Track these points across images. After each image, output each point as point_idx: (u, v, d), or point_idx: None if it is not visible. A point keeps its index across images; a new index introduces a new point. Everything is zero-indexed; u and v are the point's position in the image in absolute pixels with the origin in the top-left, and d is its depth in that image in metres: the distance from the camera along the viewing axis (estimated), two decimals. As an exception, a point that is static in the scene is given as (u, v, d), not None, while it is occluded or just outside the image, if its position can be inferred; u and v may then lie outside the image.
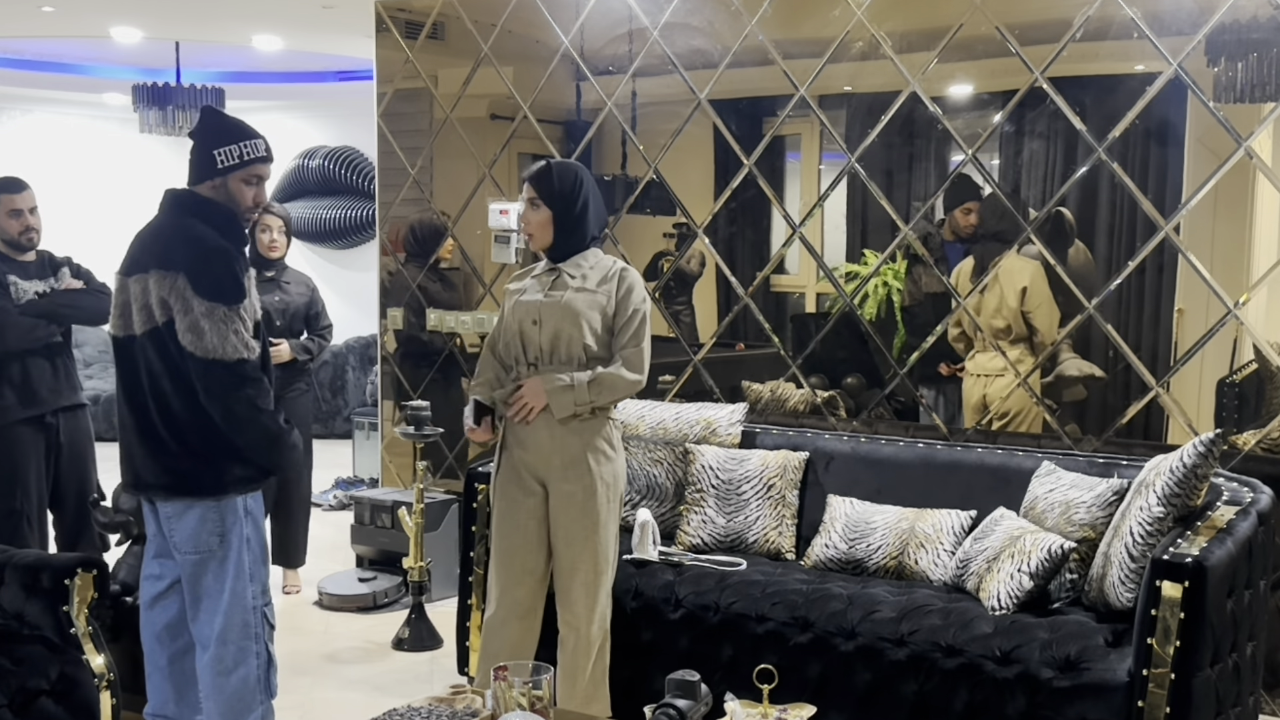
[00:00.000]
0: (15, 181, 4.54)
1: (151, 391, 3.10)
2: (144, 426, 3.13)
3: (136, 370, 3.11)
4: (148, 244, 3.15)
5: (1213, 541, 3.01)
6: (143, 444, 3.14)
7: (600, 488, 3.57)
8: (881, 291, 4.70)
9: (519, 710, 2.70)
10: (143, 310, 3.07)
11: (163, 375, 3.07)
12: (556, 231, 3.59)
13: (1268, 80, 3.93)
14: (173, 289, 3.02)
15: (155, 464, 3.13)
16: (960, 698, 3.24)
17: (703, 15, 4.97)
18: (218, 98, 8.34)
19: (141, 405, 3.12)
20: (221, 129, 3.27)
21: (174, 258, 3.05)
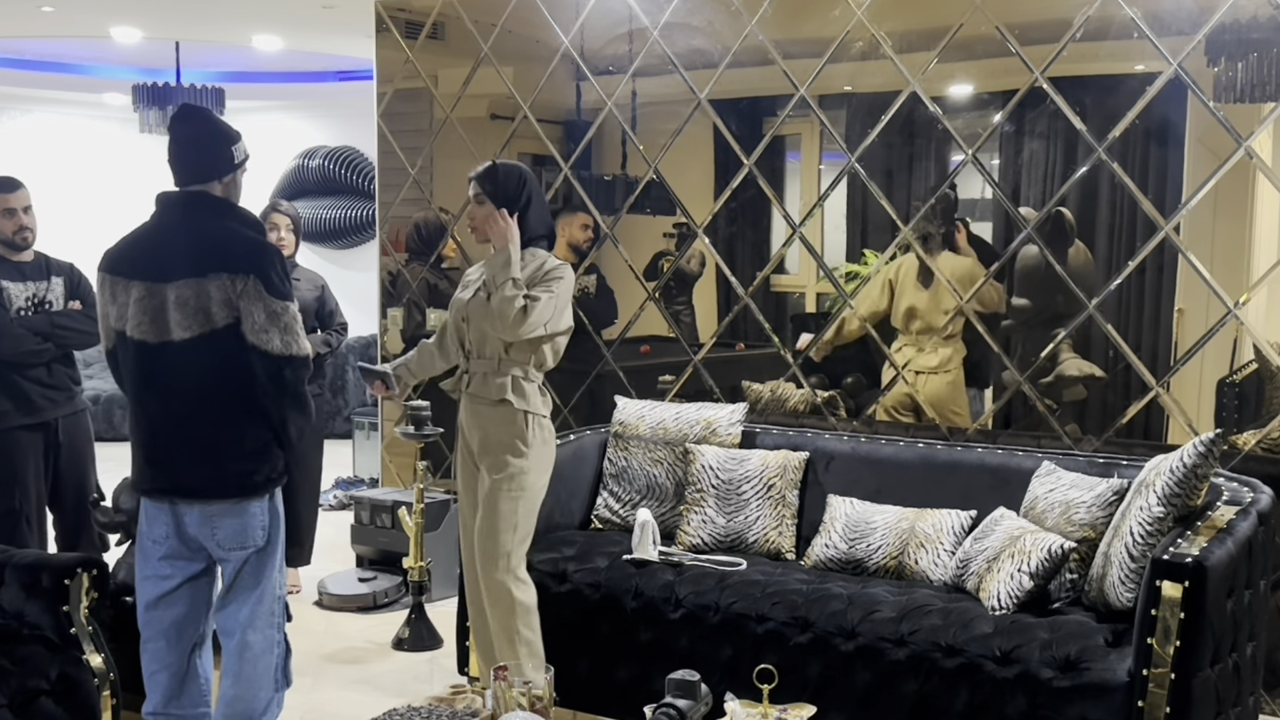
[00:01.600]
0: (8, 181, 4.53)
1: (198, 394, 3.11)
2: (186, 431, 3.14)
3: (175, 375, 3.11)
4: (188, 248, 3.13)
5: (1213, 541, 3.01)
6: (185, 448, 3.14)
7: (521, 474, 3.66)
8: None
9: (519, 710, 2.70)
10: (196, 314, 3.06)
11: (215, 377, 3.10)
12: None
13: (1268, 80, 3.93)
14: (243, 291, 3.05)
15: (201, 467, 3.14)
16: (960, 698, 3.24)
17: (703, 15, 4.97)
18: (218, 98, 8.35)
19: (182, 410, 3.12)
20: (225, 126, 3.29)
21: (238, 261, 3.07)
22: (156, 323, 3.10)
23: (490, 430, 3.70)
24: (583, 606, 3.87)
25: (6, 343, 4.40)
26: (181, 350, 3.08)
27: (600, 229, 5.32)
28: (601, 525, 4.38)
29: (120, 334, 3.17)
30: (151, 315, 3.10)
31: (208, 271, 3.06)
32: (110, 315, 3.20)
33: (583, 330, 5.38)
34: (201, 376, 3.10)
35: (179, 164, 3.23)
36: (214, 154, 3.21)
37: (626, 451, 4.41)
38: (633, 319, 5.27)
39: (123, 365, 3.21)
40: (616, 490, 4.39)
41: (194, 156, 3.21)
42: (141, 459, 3.22)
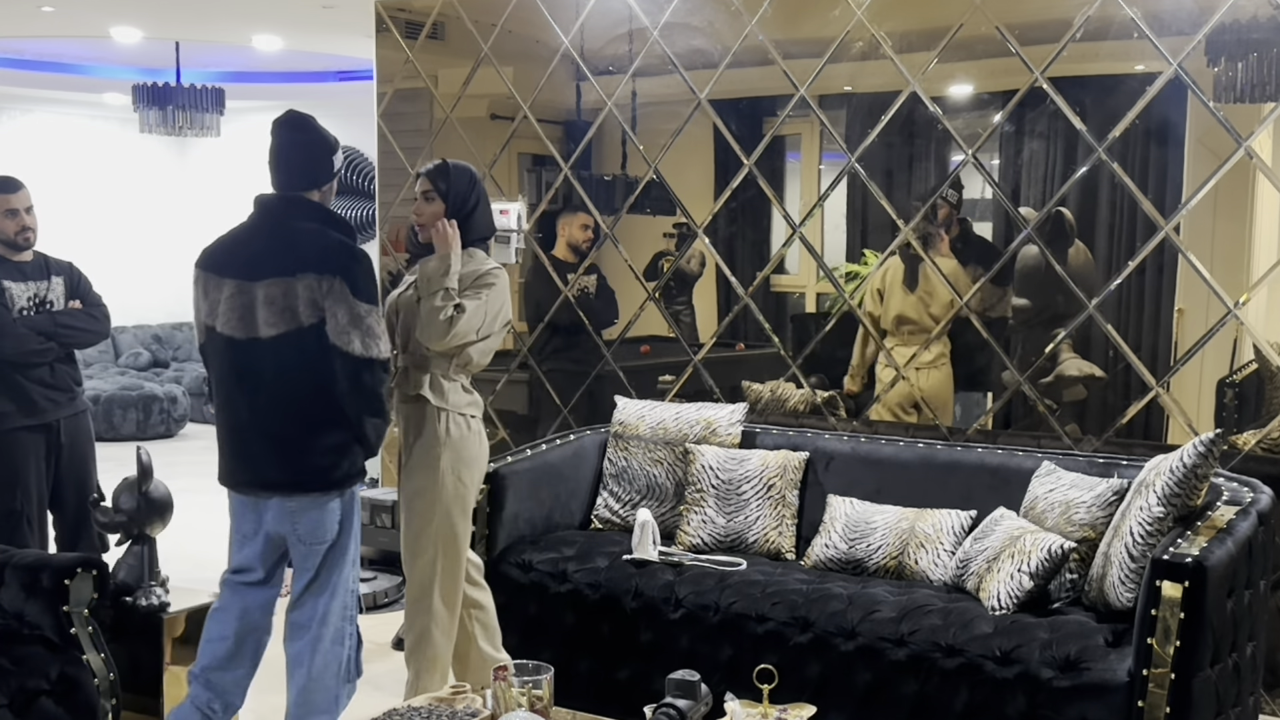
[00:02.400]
0: (10, 181, 4.54)
1: (282, 391, 3.24)
2: (269, 426, 3.27)
3: (261, 371, 3.23)
4: (279, 248, 3.26)
5: (1213, 541, 3.01)
6: (267, 443, 3.28)
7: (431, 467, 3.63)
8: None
9: (519, 710, 2.70)
10: (283, 313, 3.20)
11: (299, 375, 3.22)
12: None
13: (1268, 80, 3.93)
14: (329, 292, 3.18)
15: (284, 462, 3.27)
16: (960, 698, 3.24)
17: (703, 15, 4.97)
18: (218, 98, 8.35)
19: (266, 406, 3.25)
20: (329, 136, 3.42)
21: (325, 262, 3.21)
22: (244, 320, 3.23)
23: (409, 427, 3.68)
24: (583, 606, 3.87)
25: (10, 343, 4.40)
26: (267, 347, 3.21)
27: (600, 229, 5.32)
28: (601, 525, 4.38)
29: (210, 329, 3.31)
30: (240, 312, 3.24)
31: (296, 271, 3.19)
32: (202, 310, 3.34)
33: (583, 330, 5.38)
34: (285, 374, 3.22)
35: (285, 169, 3.36)
36: (317, 162, 3.35)
37: (626, 451, 4.41)
38: (633, 319, 5.27)
39: (211, 360, 3.36)
40: (616, 490, 4.39)
41: (299, 163, 3.35)
42: (229, 453, 3.38)
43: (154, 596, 3.71)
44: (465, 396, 3.71)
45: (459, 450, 3.66)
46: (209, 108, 8.30)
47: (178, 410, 10.29)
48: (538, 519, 4.23)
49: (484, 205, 3.76)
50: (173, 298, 11.83)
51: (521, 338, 5.56)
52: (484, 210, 3.75)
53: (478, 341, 3.60)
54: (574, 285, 5.40)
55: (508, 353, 5.59)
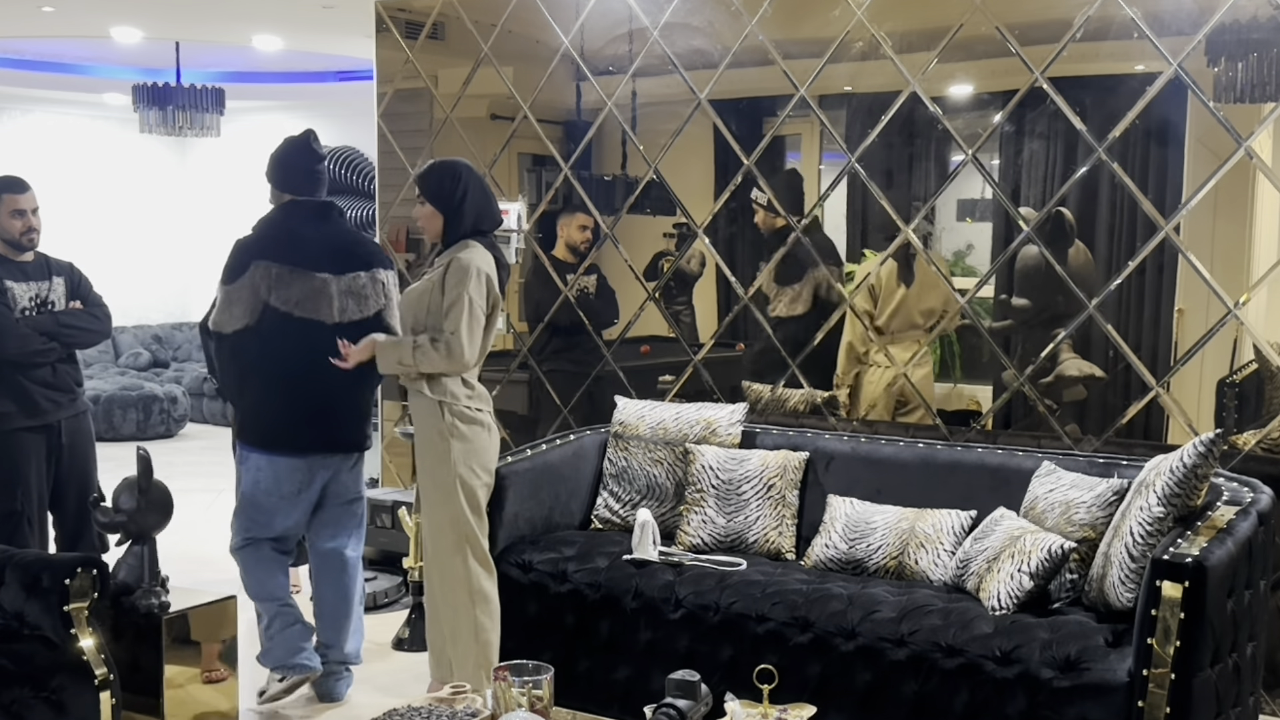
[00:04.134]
0: (19, 181, 4.56)
1: (358, 368, 3.87)
2: (343, 397, 4.01)
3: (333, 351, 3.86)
4: (347, 246, 4.05)
5: (1213, 541, 3.01)
6: (341, 411, 4.04)
7: (433, 459, 3.77)
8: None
9: (519, 710, 2.70)
10: (360, 301, 3.99)
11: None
12: (443, 225, 3.83)
13: (1268, 80, 3.93)
14: (386, 284, 4.06)
15: (353, 425, 4.10)
16: (960, 698, 3.24)
17: (703, 15, 4.97)
18: (218, 98, 8.35)
19: (339, 380, 3.89)
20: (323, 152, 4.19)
21: (381, 259, 4.09)
22: (329, 306, 3.93)
23: (418, 423, 3.83)
24: (583, 606, 3.87)
25: (13, 343, 4.40)
26: (344, 331, 3.91)
27: (600, 229, 5.32)
28: (601, 525, 4.38)
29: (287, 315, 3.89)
30: (325, 301, 3.93)
31: (371, 266, 4.05)
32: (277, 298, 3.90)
33: (583, 330, 5.38)
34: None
35: (322, 181, 4.13)
36: (326, 175, 4.19)
37: (626, 451, 4.41)
38: (633, 319, 5.28)
39: (274, 340, 3.92)
40: (616, 490, 4.40)
41: (322, 174, 4.14)
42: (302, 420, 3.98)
43: (154, 596, 3.71)
44: (465, 390, 3.77)
45: (465, 441, 3.75)
46: (209, 108, 8.30)
47: (178, 410, 10.29)
48: (538, 519, 4.23)
49: (473, 199, 3.80)
50: (173, 298, 11.84)
51: (521, 338, 5.56)
52: (473, 203, 3.80)
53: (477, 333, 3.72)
54: (574, 285, 5.40)
55: (508, 353, 5.60)
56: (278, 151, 4.17)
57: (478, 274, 3.69)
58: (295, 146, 4.11)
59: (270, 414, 4.00)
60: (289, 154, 4.11)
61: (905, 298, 4.62)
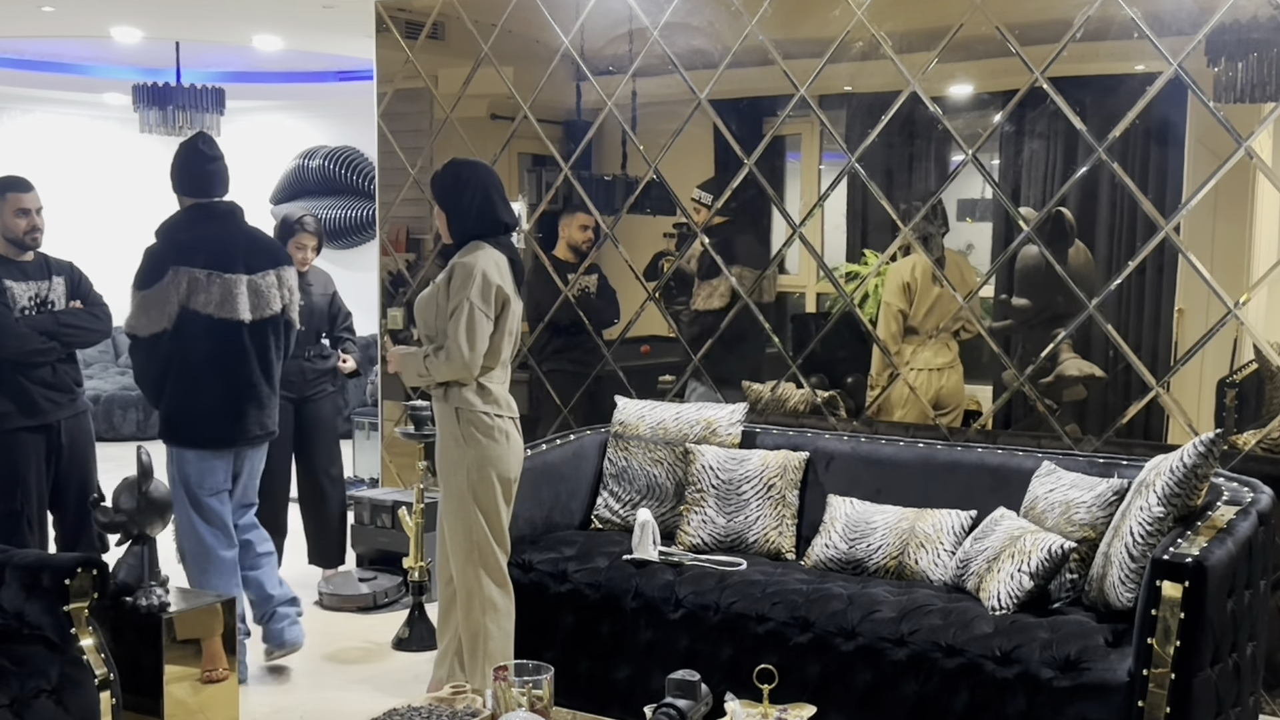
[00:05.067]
0: (24, 181, 4.58)
1: (269, 360, 4.24)
2: (258, 390, 4.21)
3: (259, 345, 4.19)
4: (255, 247, 4.26)
5: (1213, 541, 3.00)
6: (257, 403, 4.22)
7: (448, 465, 3.77)
8: (882, 291, 4.71)
9: (519, 710, 2.70)
10: (268, 299, 4.21)
11: (277, 347, 4.29)
12: (447, 225, 3.86)
13: (1268, 80, 3.93)
14: (289, 281, 4.30)
15: (268, 415, 4.28)
16: (960, 698, 3.24)
17: (703, 15, 4.97)
18: (218, 98, 8.35)
19: (253, 374, 4.19)
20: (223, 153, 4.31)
21: (284, 258, 4.34)
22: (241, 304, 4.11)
23: (437, 426, 3.86)
24: (583, 606, 3.87)
25: (12, 342, 4.40)
26: (271, 324, 4.23)
27: (600, 229, 5.32)
28: (601, 525, 4.38)
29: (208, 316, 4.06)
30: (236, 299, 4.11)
31: (278, 264, 4.27)
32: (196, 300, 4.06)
33: (583, 330, 5.38)
34: (276, 344, 4.28)
35: (222, 181, 4.25)
36: (228, 176, 4.28)
37: (626, 451, 4.41)
38: (633, 319, 5.28)
39: (195, 339, 4.08)
40: (616, 490, 4.39)
41: (223, 175, 4.26)
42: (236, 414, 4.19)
43: (154, 596, 3.71)
44: (480, 396, 3.74)
45: (480, 448, 3.73)
46: (209, 108, 8.29)
47: (178, 410, 10.28)
48: (538, 519, 4.23)
49: (473, 199, 3.78)
50: (173, 298, 11.82)
51: (522, 338, 5.55)
52: (473, 204, 3.78)
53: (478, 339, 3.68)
54: (574, 285, 5.40)
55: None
56: (174, 157, 4.27)
57: (480, 278, 3.67)
58: (185, 150, 4.22)
59: (197, 412, 4.15)
60: (181, 159, 4.23)
61: (939, 297, 4.58)
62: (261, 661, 4.52)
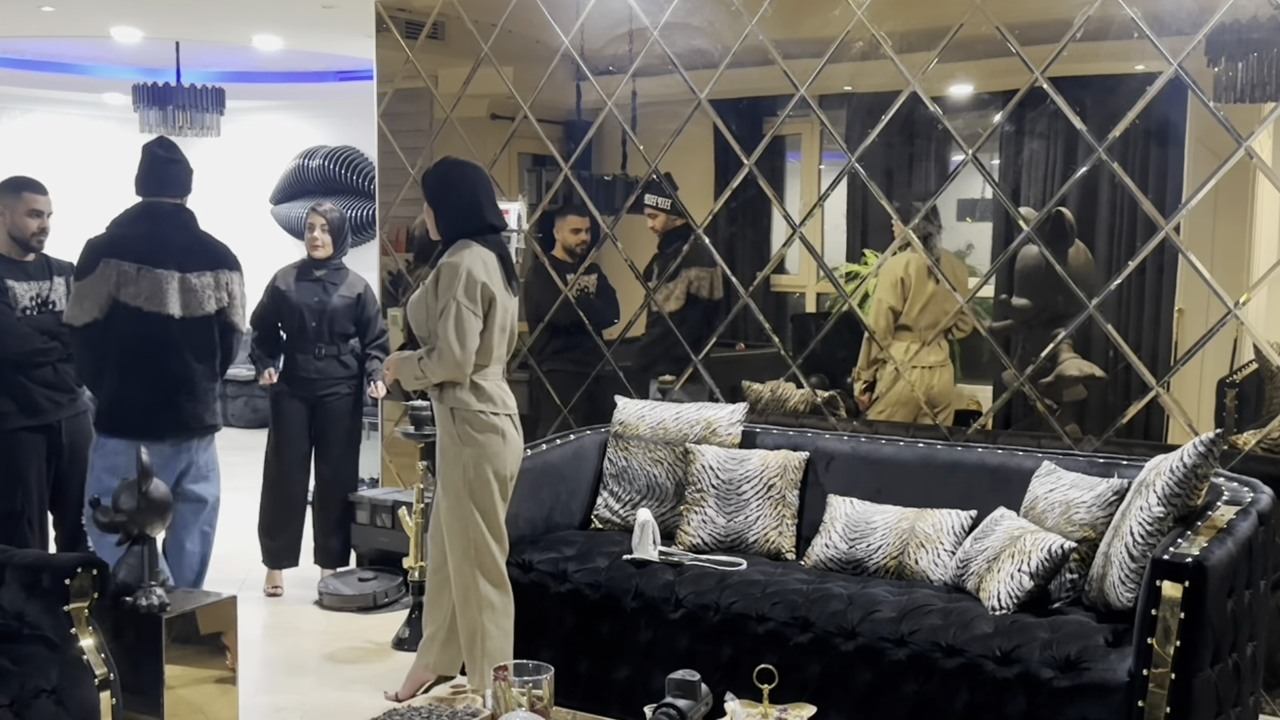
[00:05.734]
0: (39, 184, 4.64)
1: (200, 356, 4.31)
2: (190, 384, 4.29)
3: (189, 341, 4.26)
4: (195, 247, 4.34)
5: (1213, 541, 3.00)
6: (188, 397, 4.29)
7: (445, 463, 3.82)
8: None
9: (519, 710, 2.70)
10: (202, 298, 4.27)
11: (214, 345, 4.36)
12: (434, 222, 3.93)
13: (1268, 80, 3.93)
14: (231, 284, 4.37)
15: (201, 410, 4.33)
16: (960, 698, 3.24)
17: (703, 15, 4.97)
18: (218, 98, 8.34)
19: (185, 368, 4.27)
20: (186, 159, 4.43)
21: (227, 261, 4.40)
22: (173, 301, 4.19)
23: (437, 426, 3.91)
24: (583, 606, 3.87)
25: (14, 342, 4.41)
26: (205, 323, 4.30)
27: (599, 229, 5.32)
28: (601, 525, 4.38)
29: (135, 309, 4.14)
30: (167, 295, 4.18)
31: (217, 266, 4.33)
32: (125, 293, 4.14)
33: (583, 330, 5.38)
34: (211, 341, 4.35)
35: (173, 183, 4.34)
36: (185, 178, 4.40)
37: (626, 451, 4.41)
38: (633, 319, 5.28)
39: (120, 333, 4.15)
40: (616, 490, 4.39)
41: (182, 179, 4.37)
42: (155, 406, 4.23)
43: (154, 596, 3.71)
44: (474, 395, 3.77)
45: (475, 447, 3.76)
46: (209, 108, 8.29)
47: (178, 410, 10.27)
48: (538, 519, 4.23)
49: (459, 200, 3.84)
50: (173, 298, 11.82)
51: (522, 338, 5.56)
52: (459, 204, 3.85)
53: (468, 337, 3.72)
54: (574, 285, 5.40)
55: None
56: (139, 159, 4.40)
57: (465, 276, 3.70)
58: (144, 152, 4.36)
59: (125, 402, 4.22)
60: (141, 160, 4.35)
61: (934, 295, 4.59)
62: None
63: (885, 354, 4.66)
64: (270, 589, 5.55)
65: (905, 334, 4.65)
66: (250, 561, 5.95)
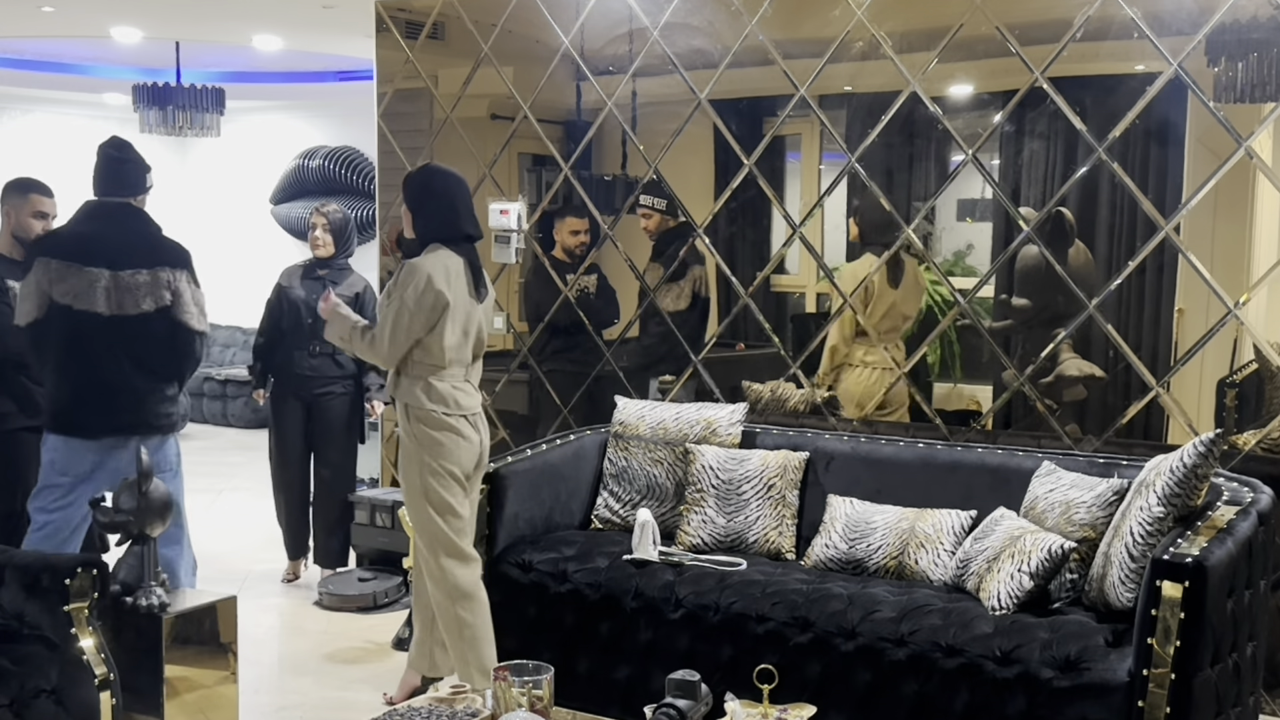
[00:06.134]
0: (45, 185, 4.68)
1: (143, 355, 4.22)
2: (128, 383, 4.21)
3: (128, 339, 4.18)
4: (136, 244, 4.25)
5: (1213, 541, 3.01)
6: (125, 396, 4.21)
7: (404, 460, 3.92)
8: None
9: (519, 710, 2.70)
10: (136, 296, 4.18)
11: (158, 345, 4.25)
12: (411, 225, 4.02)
13: (1268, 80, 3.93)
14: (172, 282, 4.24)
15: (140, 409, 4.23)
16: (960, 698, 3.24)
17: (703, 15, 4.97)
18: (218, 98, 8.34)
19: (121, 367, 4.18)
20: (143, 159, 4.45)
21: (170, 260, 4.27)
22: (109, 299, 4.15)
23: (399, 424, 3.99)
24: (583, 606, 3.87)
25: (14, 342, 4.41)
26: (142, 321, 4.20)
27: (599, 229, 5.32)
28: (601, 525, 4.38)
29: (66, 308, 4.11)
30: (103, 294, 4.14)
31: (154, 264, 4.22)
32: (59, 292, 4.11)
33: (583, 330, 5.38)
34: (147, 341, 4.22)
35: (119, 181, 4.35)
36: (135, 176, 4.40)
37: (626, 451, 4.42)
38: (633, 319, 5.28)
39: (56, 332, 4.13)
40: (616, 490, 4.40)
41: (131, 177, 4.38)
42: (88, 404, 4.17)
43: (154, 596, 3.71)
44: (425, 395, 3.84)
45: (426, 445, 3.84)
46: (209, 108, 8.29)
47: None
48: (538, 519, 4.23)
49: (437, 208, 3.94)
50: (173, 298, 11.82)
51: (521, 338, 5.56)
52: (436, 211, 3.94)
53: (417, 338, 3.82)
54: (574, 285, 5.40)
55: (508, 353, 5.59)
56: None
57: (423, 281, 3.80)
58: (98, 152, 4.40)
59: (59, 399, 4.23)
60: (95, 160, 4.40)
61: (894, 301, 4.65)
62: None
63: (846, 359, 4.74)
64: (288, 576, 5.73)
65: (863, 339, 4.71)
66: (250, 561, 5.97)
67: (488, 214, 5.52)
